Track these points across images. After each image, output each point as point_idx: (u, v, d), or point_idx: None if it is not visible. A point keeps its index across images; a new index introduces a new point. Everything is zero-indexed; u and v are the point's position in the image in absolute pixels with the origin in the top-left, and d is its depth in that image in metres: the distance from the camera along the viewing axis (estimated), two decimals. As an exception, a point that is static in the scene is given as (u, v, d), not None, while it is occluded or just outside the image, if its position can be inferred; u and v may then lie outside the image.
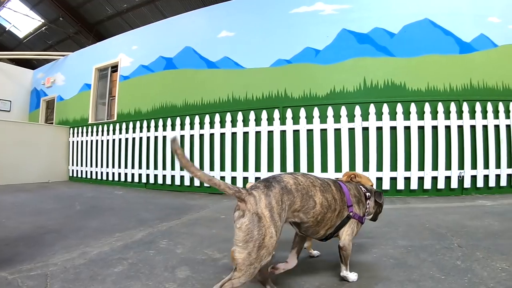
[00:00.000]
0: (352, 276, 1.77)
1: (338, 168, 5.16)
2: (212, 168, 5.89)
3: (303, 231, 1.67)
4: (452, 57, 5.32)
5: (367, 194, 1.86)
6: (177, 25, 7.05)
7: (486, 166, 5.06)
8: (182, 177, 6.20)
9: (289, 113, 5.40)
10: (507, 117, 5.15)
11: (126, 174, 7.06)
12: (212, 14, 6.71)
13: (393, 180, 5.04)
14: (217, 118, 5.90)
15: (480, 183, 5.03)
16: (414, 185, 5.00)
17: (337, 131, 5.21)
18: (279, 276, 1.85)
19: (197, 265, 2.06)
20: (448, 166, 5.02)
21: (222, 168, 5.79)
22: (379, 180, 5.05)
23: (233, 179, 5.71)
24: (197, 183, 6.00)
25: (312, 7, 5.77)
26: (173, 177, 6.29)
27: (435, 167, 5.01)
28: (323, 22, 5.66)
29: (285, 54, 5.73)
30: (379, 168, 5.05)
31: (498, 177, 5.06)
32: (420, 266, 2.07)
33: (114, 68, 7.98)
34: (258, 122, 5.60)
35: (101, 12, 13.04)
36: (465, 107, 5.09)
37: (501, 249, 2.36)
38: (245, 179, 5.63)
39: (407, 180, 5.03)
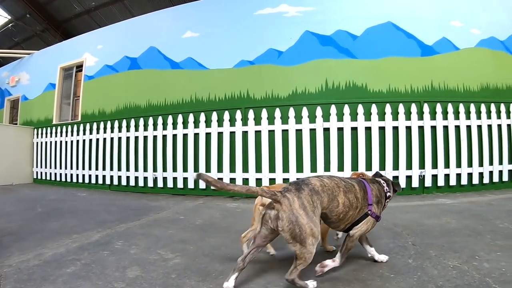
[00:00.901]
0: (332, 263, 1.87)
1: (299, 169, 5.14)
2: (174, 169, 5.77)
3: (327, 224, 1.88)
4: (414, 60, 5.38)
5: (388, 194, 2.02)
6: (143, 25, 6.93)
7: (447, 165, 5.12)
8: (145, 178, 6.06)
9: (251, 114, 5.33)
10: (467, 117, 5.24)
11: (90, 176, 6.87)
12: (178, 15, 6.61)
13: None
14: (180, 119, 5.79)
15: (441, 182, 5.09)
16: None
17: (299, 132, 5.17)
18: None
19: (148, 265, 2.09)
20: (409, 166, 5.06)
21: (185, 169, 5.68)
22: None
23: (196, 180, 5.56)
24: (160, 184, 5.85)
25: (277, 9, 5.75)
26: (136, 178, 6.14)
27: (396, 166, 5.05)
28: (287, 24, 5.65)
29: (248, 55, 5.68)
30: (340, 168, 5.04)
31: (459, 176, 5.14)
32: (370, 265, 2.07)
33: (79, 67, 7.78)
34: (220, 123, 5.52)
35: (69, 10, 12.74)
36: (426, 108, 5.14)
37: (455, 247, 2.37)
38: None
39: None
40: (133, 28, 7.01)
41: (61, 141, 7.55)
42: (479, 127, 5.32)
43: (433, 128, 5.15)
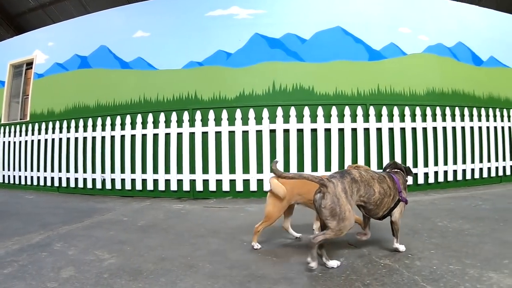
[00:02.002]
0: (402, 248, 2.28)
1: (245, 170, 5.09)
2: (123, 170, 5.63)
3: (367, 212, 2.22)
4: (361, 64, 5.45)
5: (407, 179, 2.38)
6: (94, 22, 6.75)
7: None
8: (94, 180, 5.87)
9: (198, 115, 5.23)
10: (413, 120, 5.37)
11: (38, 177, 6.62)
12: (130, 13, 6.47)
13: None
14: (128, 119, 5.64)
15: None
16: None
17: (245, 133, 5.13)
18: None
19: (83, 266, 2.14)
20: (355, 167, 5.02)
21: (133, 171, 5.54)
22: None
23: (144, 182, 5.46)
24: (108, 185, 5.69)
25: (228, 10, 5.70)
26: (85, 180, 5.95)
27: (342, 167, 5.02)
28: (237, 26, 5.62)
29: (197, 56, 5.61)
30: (286, 169, 5.03)
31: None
32: (301, 264, 2.08)
33: (30, 65, 7.49)
34: (168, 124, 5.40)
35: (23, 3, 12.25)
36: (372, 110, 5.22)
37: (390, 246, 2.37)
38: (155, 181, 5.42)
39: None
40: (84, 25, 6.81)
41: (9, 142, 7.23)
42: (424, 129, 5.45)
43: (379, 130, 5.25)
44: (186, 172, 5.25)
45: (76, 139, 6.20)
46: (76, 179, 6.14)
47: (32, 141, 6.81)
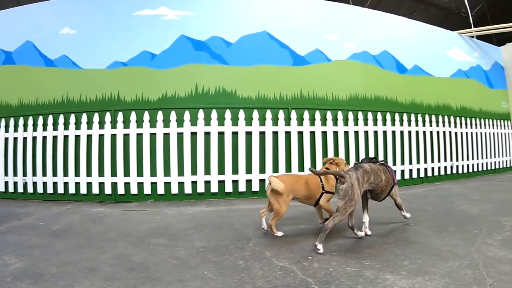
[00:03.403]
0: (408, 215, 3.20)
1: (167, 172, 5.07)
2: (44, 173, 5.44)
3: (373, 196, 2.87)
4: (285, 68, 5.55)
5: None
6: (22, 16, 6.45)
7: (314, 168, 5.23)
8: (15, 183, 5.63)
9: (120, 117, 5.15)
10: (335, 124, 5.55)
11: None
12: (58, 9, 6.24)
13: (221, 183, 5.10)
14: (50, 120, 5.46)
15: None
16: (242, 188, 5.13)
17: (166, 136, 5.10)
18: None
19: None
20: (276, 169, 5.21)
21: (55, 173, 5.37)
22: (207, 183, 5.07)
23: (66, 185, 5.32)
24: (30, 189, 5.48)
25: (156, 11, 5.63)
26: (6, 183, 5.70)
27: (262, 170, 5.18)
28: (164, 26, 5.56)
29: (122, 56, 5.50)
30: (207, 171, 5.07)
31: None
32: (199, 267, 2.09)
33: (-47, 61, 7.07)
34: (90, 125, 5.27)
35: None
36: (293, 114, 5.33)
37: (293, 248, 2.44)
38: (77, 185, 5.27)
39: (235, 183, 5.12)
40: (10, 19, 6.50)
41: None
42: (346, 133, 5.64)
43: (300, 134, 5.37)
44: (107, 175, 5.15)
45: (-4, 139, 5.91)
46: (-3, 183, 5.85)
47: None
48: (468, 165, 7.33)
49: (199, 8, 5.65)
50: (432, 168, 6.61)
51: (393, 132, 6.15)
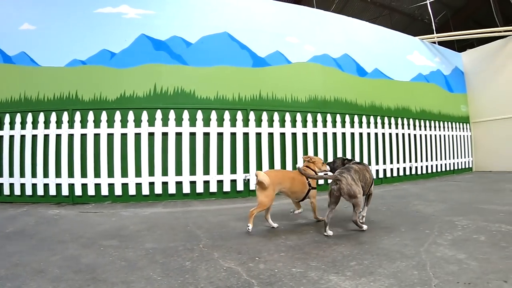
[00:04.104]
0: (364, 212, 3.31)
1: (124, 173, 5.03)
2: (0, 174, 5.31)
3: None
4: (245, 70, 5.61)
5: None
6: (-20, 11, 6.29)
7: (272, 169, 5.40)
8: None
9: (78, 116, 5.11)
10: (293, 125, 5.66)
11: None
12: (18, 4, 6.10)
13: (179, 184, 5.10)
14: (7, 119, 5.36)
15: None
16: (200, 189, 5.13)
17: (124, 136, 5.08)
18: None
19: None
20: (234, 170, 5.28)
21: (11, 175, 5.25)
22: (165, 184, 5.07)
23: (22, 186, 5.23)
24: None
25: (117, 8, 5.59)
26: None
27: (220, 171, 5.22)
28: (124, 25, 5.51)
29: (81, 55, 5.44)
30: (164, 173, 5.06)
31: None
32: (146, 268, 2.07)
33: None
34: (47, 124, 5.20)
35: None
36: (252, 115, 5.40)
37: (242, 249, 2.44)
38: (34, 186, 5.17)
39: (193, 184, 5.14)
40: (-31, 14, 6.34)
41: None
42: (305, 134, 5.75)
43: (258, 135, 5.44)
44: (64, 176, 5.09)
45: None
46: (-47, 184, 5.70)
47: None
48: (427, 166, 7.57)
49: (160, 7, 5.63)
50: (391, 169, 6.80)
51: (352, 134, 6.30)
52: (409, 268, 1.94)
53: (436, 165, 7.84)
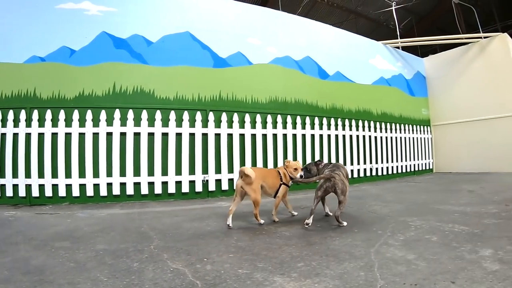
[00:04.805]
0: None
1: (82, 174, 4.96)
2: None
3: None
4: (205, 70, 5.66)
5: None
6: None
7: (231, 170, 5.52)
8: None
9: (35, 115, 5.04)
10: (253, 127, 5.75)
11: None
12: (-22, -2, 5.97)
13: (137, 185, 5.09)
14: (-38, 117, 5.23)
15: (225, 186, 5.49)
16: (158, 190, 5.15)
17: (82, 136, 5.02)
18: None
19: None
20: (192, 171, 5.32)
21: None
22: (123, 185, 5.04)
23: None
24: None
25: (79, 5, 5.52)
26: None
27: (178, 172, 5.25)
28: (86, 22, 5.44)
29: (40, 51, 5.35)
30: (122, 173, 5.04)
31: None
32: (94, 269, 2.06)
33: None
34: (4, 123, 5.09)
35: None
36: (211, 116, 5.47)
37: (192, 250, 2.45)
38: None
39: (151, 185, 5.14)
40: None
41: None
42: (264, 135, 5.85)
43: (217, 136, 5.51)
44: (21, 177, 4.95)
45: None
46: None
47: None
48: (387, 168, 7.82)
49: (122, 5, 5.57)
50: (352, 171, 7.01)
51: (313, 136, 6.46)
52: (357, 269, 1.93)
53: (397, 166, 8.08)
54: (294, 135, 6.24)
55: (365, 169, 7.26)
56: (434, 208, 3.85)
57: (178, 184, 5.25)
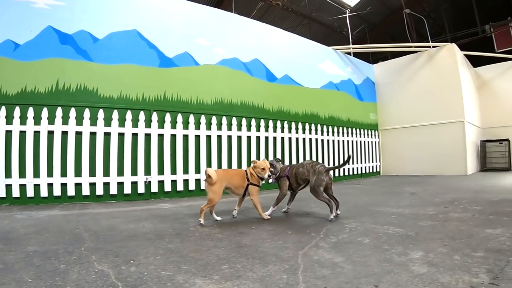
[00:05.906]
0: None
1: (22, 174, 4.78)
2: None
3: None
4: (151, 69, 5.71)
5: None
6: None
7: (174, 171, 5.60)
8: None
9: (-26, 110, 4.89)
10: (197, 128, 5.87)
11: None
12: None
13: (78, 186, 4.92)
14: None
15: (167, 188, 5.56)
16: (100, 191, 5.02)
17: (22, 134, 4.87)
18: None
19: None
20: (134, 172, 5.35)
21: None
22: (64, 186, 4.94)
23: None
24: None
25: (28, -3, 5.40)
26: None
27: (120, 172, 5.25)
28: (32, 15, 5.21)
29: (-18, 45, 5.24)
30: (63, 173, 4.85)
31: (186, 181, 5.70)
32: (20, 271, 2.06)
33: None
34: None
35: None
36: (155, 116, 5.53)
37: (121, 251, 2.45)
38: None
39: (93, 185, 5.01)
40: None
41: None
42: (208, 137, 5.99)
43: (161, 136, 5.59)
44: None
45: None
46: None
47: None
48: (335, 170, 8.14)
49: (72, -1, 5.42)
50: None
51: (258, 138, 6.65)
52: (280, 272, 1.92)
53: (344, 169, 8.42)
54: (239, 137, 6.38)
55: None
56: (373, 210, 3.89)
57: (120, 185, 5.15)
